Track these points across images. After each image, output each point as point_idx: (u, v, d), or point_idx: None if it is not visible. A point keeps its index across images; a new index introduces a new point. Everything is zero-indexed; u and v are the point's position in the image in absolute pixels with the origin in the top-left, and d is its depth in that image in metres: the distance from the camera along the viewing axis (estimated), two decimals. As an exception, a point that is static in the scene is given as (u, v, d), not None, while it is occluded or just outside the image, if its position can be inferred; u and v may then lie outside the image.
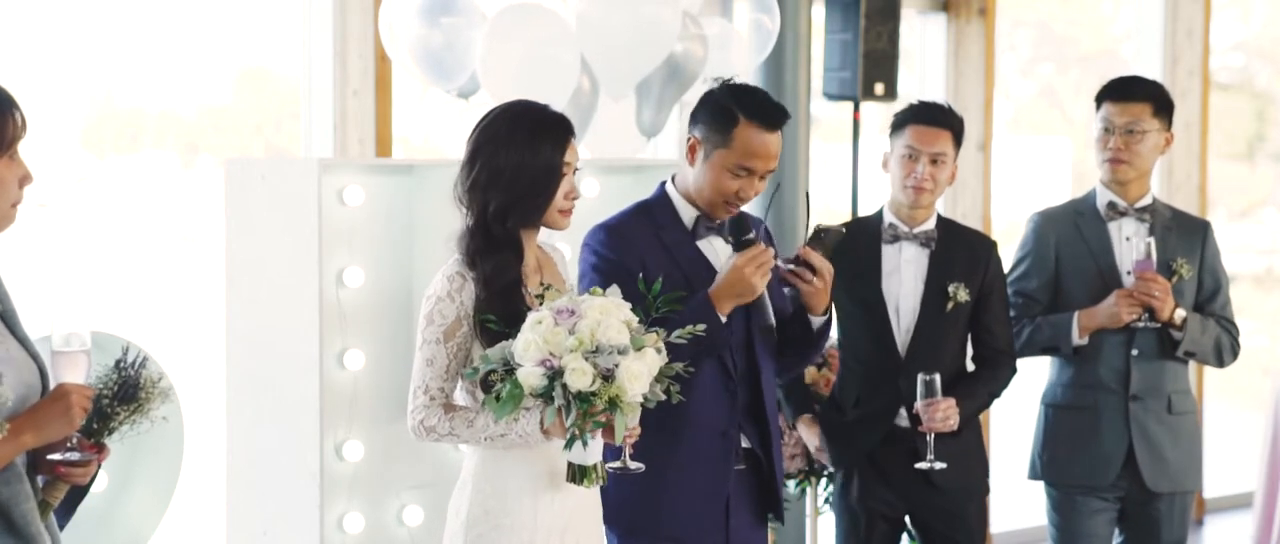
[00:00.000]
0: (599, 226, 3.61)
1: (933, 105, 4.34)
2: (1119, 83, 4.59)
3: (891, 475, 4.25)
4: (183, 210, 5.92)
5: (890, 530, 4.36)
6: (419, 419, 3.21)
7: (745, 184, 3.55)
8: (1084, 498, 4.54)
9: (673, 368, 3.12)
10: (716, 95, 3.59)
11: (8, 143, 2.72)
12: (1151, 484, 4.50)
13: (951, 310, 4.27)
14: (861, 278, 4.27)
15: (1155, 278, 4.39)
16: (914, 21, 7.30)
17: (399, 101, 5.72)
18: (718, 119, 3.56)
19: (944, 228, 4.34)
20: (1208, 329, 4.53)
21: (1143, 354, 4.50)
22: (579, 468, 3.18)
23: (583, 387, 3.00)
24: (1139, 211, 4.54)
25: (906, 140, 4.26)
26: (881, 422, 4.24)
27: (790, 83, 6.06)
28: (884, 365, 4.26)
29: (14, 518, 2.71)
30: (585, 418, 3.03)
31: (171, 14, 5.68)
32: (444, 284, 3.21)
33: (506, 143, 3.19)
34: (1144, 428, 4.50)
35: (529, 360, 3.03)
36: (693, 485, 3.60)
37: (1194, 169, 7.99)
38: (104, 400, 2.81)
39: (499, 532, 3.22)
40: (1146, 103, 4.51)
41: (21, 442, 2.67)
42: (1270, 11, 9.48)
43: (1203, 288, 4.59)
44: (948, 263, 4.29)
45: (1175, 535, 4.57)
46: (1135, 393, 4.51)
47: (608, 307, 3.07)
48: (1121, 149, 4.50)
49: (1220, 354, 4.58)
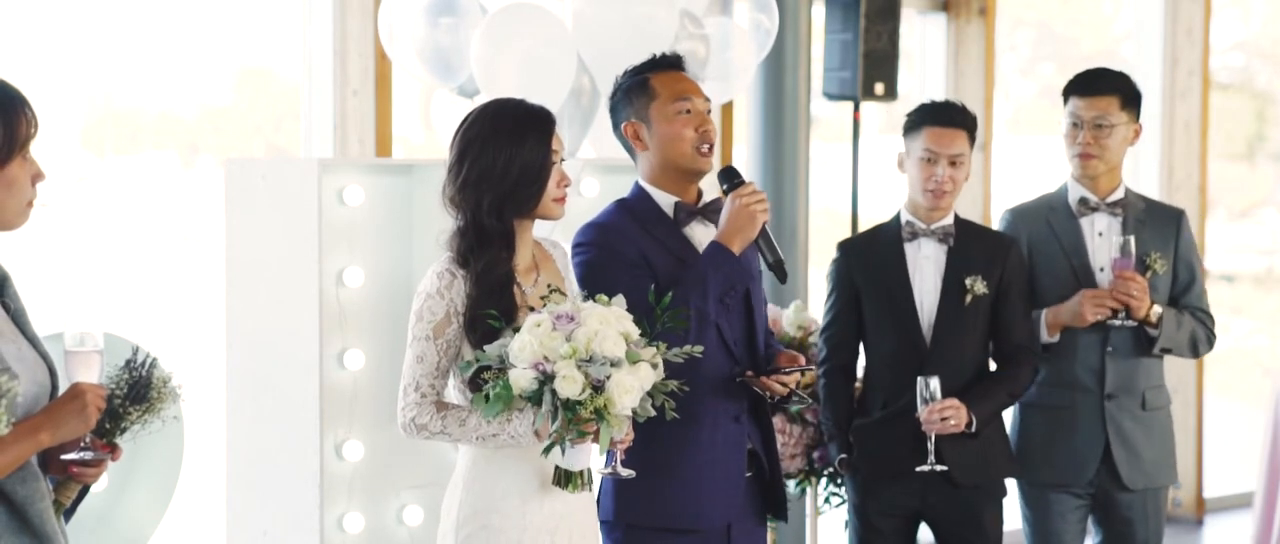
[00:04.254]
0: (589, 225, 3.62)
1: (948, 105, 4.37)
2: (1085, 76, 4.58)
3: (909, 474, 4.25)
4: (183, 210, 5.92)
5: (906, 530, 4.37)
6: (410, 417, 3.22)
7: (696, 119, 3.59)
8: (1057, 495, 4.54)
9: (668, 385, 3.14)
10: (620, 83, 3.68)
11: (21, 142, 2.73)
12: (1129, 481, 4.50)
13: (970, 304, 4.29)
14: (888, 276, 4.31)
15: (1133, 277, 4.38)
16: (914, 21, 7.30)
17: (399, 101, 5.73)
18: (635, 91, 3.63)
19: (961, 225, 4.39)
20: (1183, 324, 4.52)
21: (1118, 352, 4.50)
22: (565, 473, 3.19)
23: (571, 395, 3.02)
24: (1110, 206, 4.53)
25: (924, 143, 4.29)
26: (909, 418, 4.25)
27: (790, 83, 6.07)
28: (910, 362, 4.27)
29: (30, 517, 2.72)
30: (570, 425, 3.04)
31: (171, 14, 5.68)
32: (434, 281, 3.22)
33: (492, 139, 3.22)
34: (1119, 425, 4.50)
35: (523, 362, 3.05)
36: (712, 471, 3.60)
37: (1194, 169, 7.99)
38: (116, 400, 2.82)
39: (488, 532, 3.23)
40: (1114, 95, 4.50)
41: (39, 440, 2.68)
42: (1270, 11, 9.48)
43: (1177, 280, 4.57)
44: (966, 258, 4.33)
45: (1151, 531, 4.57)
46: (1110, 391, 4.50)
47: (608, 317, 3.08)
48: (1090, 143, 4.50)
49: (1195, 346, 4.57)
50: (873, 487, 4.33)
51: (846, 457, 4.35)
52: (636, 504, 3.57)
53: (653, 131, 3.61)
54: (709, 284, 3.48)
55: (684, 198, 3.64)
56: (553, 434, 3.06)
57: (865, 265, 4.35)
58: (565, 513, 3.29)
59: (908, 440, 4.23)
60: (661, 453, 3.50)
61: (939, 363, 4.24)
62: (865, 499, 4.36)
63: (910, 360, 4.28)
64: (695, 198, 3.67)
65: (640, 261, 3.52)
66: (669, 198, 3.63)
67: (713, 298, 3.48)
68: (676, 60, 3.67)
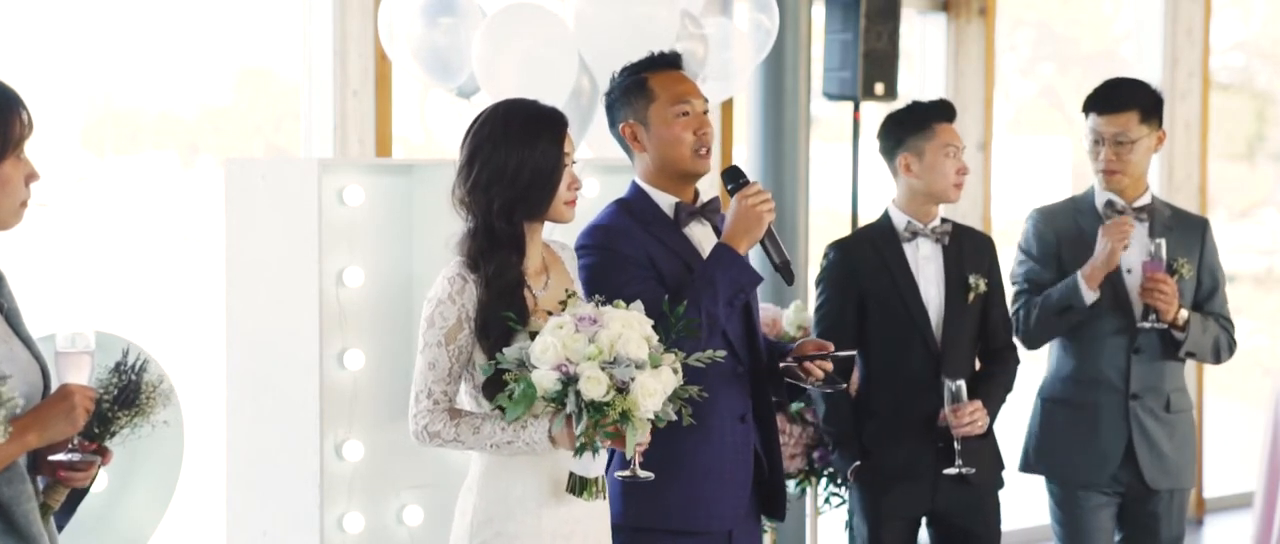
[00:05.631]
0: (591, 227, 3.60)
1: (946, 103, 4.41)
2: (1103, 93, 4.57)
3: (921, 474, 4.26)
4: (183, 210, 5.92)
5: (913, 532, 4.37)
6: (423, 424, 3.18)
7: (694, 122, 3.58)
8: (1086, 493, 4.56)
9: (687, 390, 3.12)
10: (618, 82, 3.65)
11: (15, 142, 2.72)
12: (1151, 481, 4.52)
13: (973, 302, 4.32)
14: (894, 277, 4.30)
15: (1164, 279, 4.41)
16: (914, 21, 7.30)
17: (399, 101, 5.73)
18: (632, 92, 3.61)
19: (952, 224, 4.39)
20: (1208, 329, 4.55)
21: (1144, 353, 4.52)
22: (580, 480, 3.16)
23: (596, 396, 2.99)
24: (1137, 210, 4.55)
25: (942, 139, 4.30)
26: (922, 420, 4.25)
27: (790, 83, 6.07)
28: (922, 363, 4.28)
29: (15, 518, 2.71)
30: (596, 428, 3.02)
31: (171, 14, 5.68)
32: (445, 286, 3.19)
33: (504, 141, 3.19)
34: (1143, 426, 4.52)
35: (545, 364, 3.02)
36: (720, 473, 3.59)
37: (1194, 169, 7.99)
38: (104, 404, 2.80)
39: (502, 538, 3.20)
40: (1133, 111, 4.50)
41: (25, 441, 2.66)
42: (1270, 11, 9.48)
43: (1202, 286, 4.60)
44: (961, 256, 4.34)
45: (1174, 532, 4.60)
46: (1135, 391, 4.52)
47: (630, 320, 3.06)
48: (1114, 160, 4.51)
49: (1218, 352, 4.61)
50: (886, 490, 4.31)
51: (860, 464, 4.33)
52: (643, 506, 3.56)
53: (651, 133, 3.60)
54: (718, 287, 3.47)
55: (682, 198, 3.63)
56: (581, 437, 3.04)
57: (868, 266, 4.32)
58: (579, 518, 3.26)
59: (925, 443, 4.24)
60: (669, 454, 3.48)
61: (950, 362, 4.25)
62: (877, 502, 4.31)
63: (923, 361, 4.28)
64: (693, 197, 3.67)
65: (645, 263, 3.51)
66: (668, 198, 3.62)
67: (723, 301, 3.47)
68: (674, 59, 3.65)
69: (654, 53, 3.66)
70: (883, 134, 4.39)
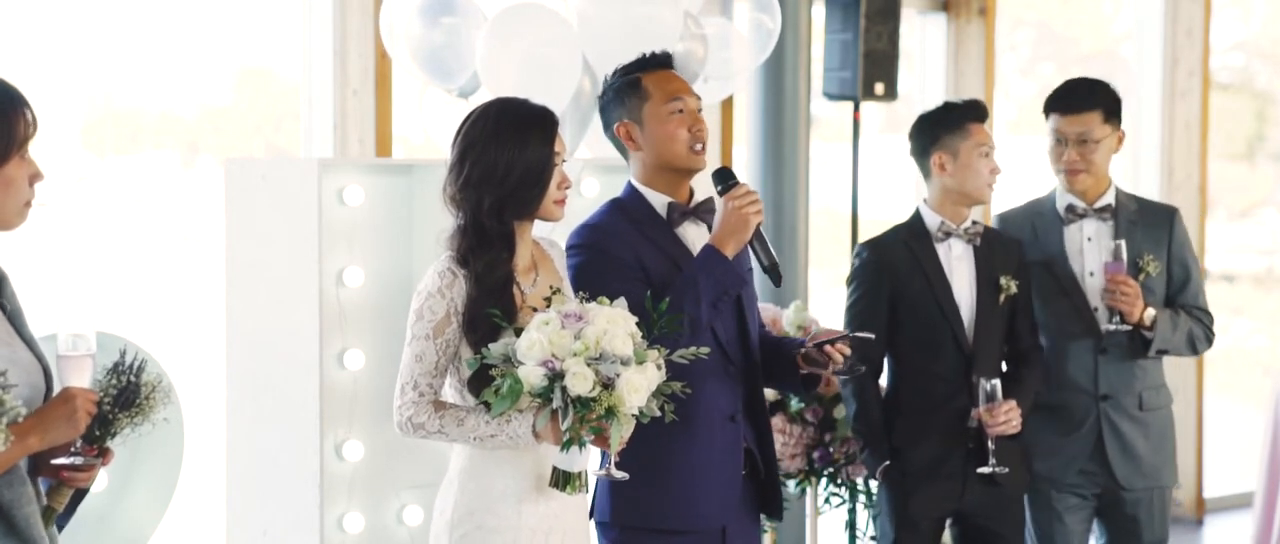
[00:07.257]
0: (583, 226, 3.61)
1: (980, 103, 4.46)
2: (1065, 92, 4.57)
3: (950, 474, 4.26)
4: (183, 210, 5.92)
5: (936, 529, 4.38)
6: (407, 415, 3.21)
7: (688, 119, 3.59)
8: (1059, 494, 4.53)
9: (670, 386, 3.15)
10: (611, 83, 3.66)
11: (19, 142, 2.72)
12: (1125, 481, 4.50)
13: (1004, 303, 4.33)
14: (929, 276, 4.31)
15: (1125, 281, 4.39)
16: (914, 21, 7.30)
17: (399, 101, 5.73)
18: (626, 92, 3.62)
19: (982, 225, 4.41)
20: (1179, 325, 4.51)
21: (1111, 354, 4.50)
22: (563, 474, 3.19)
23: (582, 392, 3.02)
24: (1099, 211, 4.53)
25: (976, 139, 4.32)
26: (953, 419, 4.26)
27: (790, 83, 6.07)
28: (954, 362, 4.28)
29: (16, 521, 2.71)
30: (582, 423, 3.05)
31: (171, 14, 5.68)
32: (435, 280, 3.21)
33: (495, 139, 3.21)
34: (1114, 425, 4.50)
35: (531, 359, 3.04)
36: (708, 472, 3.59)
37: (1194, 169, 7.99)
38: (104, 406, 2.80)
39: (483, 532, 3.22)
40: (1096, 110, 4.50)
41: (27, 444, 2.66)
42: (1270, 11, 9.48)
43: (1172, 279, 4.57)
44: (991, 257, 4.36)
45: (1156, 534, 4.57)
46: (1104, 392, 4.51)
47: (615, 316, 3.09)
48: (1077, 160, 4.51)
49: (1194, 345, 4.58)
50: (915, 489, 4.31)
51: (888, 464, 4.33)
52: (632, 505, 3.56)
53: (646, 131, 3.61)
54: (702, 289, 3.47)
55: (676, 197, 3.64)
56: (567, 432, 3.06)
57: (902, 266, 4.32)
58: (559, 513, 3.29)
59: (955, 442, 4.25)
60: (657, 454, 3.49)
61: (981, 363, 4.26)
62: (906, 502, 4.31)
63: (954, 361, 4.29)
64: (687, 197, 3.67)
65: (634, 264, 3.52)
66: (662, 198, 3.63)
67: (706, 303, 3.48)
68: (666, 58, 3.67)
69: (645, 53, 3.67)
70: (916, 133, 4.40)
